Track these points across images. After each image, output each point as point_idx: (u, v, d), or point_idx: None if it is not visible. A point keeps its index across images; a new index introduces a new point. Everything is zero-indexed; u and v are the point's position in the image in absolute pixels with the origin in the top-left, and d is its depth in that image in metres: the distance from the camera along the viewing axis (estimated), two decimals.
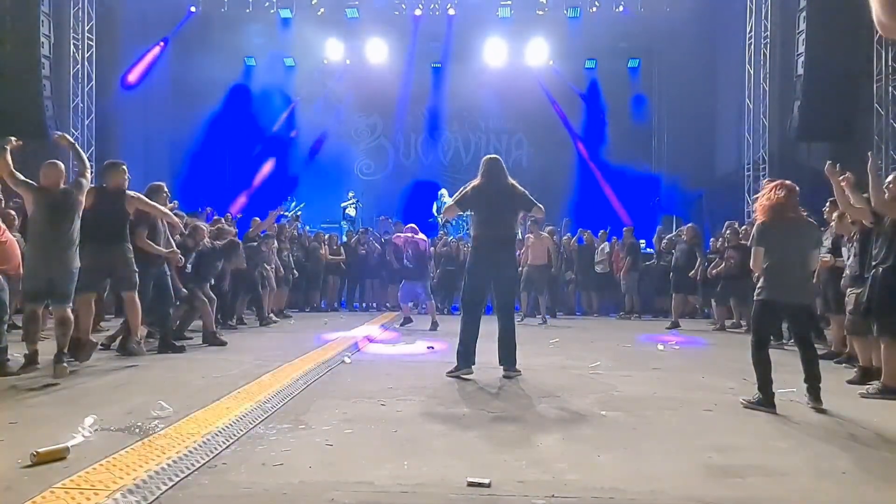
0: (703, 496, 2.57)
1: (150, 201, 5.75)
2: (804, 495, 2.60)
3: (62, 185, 4.88)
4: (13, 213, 6.67)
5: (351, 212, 15.42)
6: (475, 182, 5.21)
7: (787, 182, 4.22)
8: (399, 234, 9.63)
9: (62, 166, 4.95)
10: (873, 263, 4.60)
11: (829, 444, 3.36)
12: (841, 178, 4.64)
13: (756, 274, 4.38)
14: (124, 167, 5.66)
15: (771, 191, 4.19)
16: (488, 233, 5.13)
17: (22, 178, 4.78)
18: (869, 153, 4.78)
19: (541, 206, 5.27)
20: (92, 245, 5.11)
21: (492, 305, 5.57)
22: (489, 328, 5.19)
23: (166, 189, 6.39)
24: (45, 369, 4.68)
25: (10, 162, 4.68)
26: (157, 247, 5.96)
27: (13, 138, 4.71)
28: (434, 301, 9.50)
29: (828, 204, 5.98)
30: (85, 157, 5.35)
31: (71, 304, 4.87)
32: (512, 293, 5.57)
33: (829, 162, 4.72)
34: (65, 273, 4.74)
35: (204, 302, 6.71)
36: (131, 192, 5.57)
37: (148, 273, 5.84)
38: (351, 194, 15.86)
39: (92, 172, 5.74)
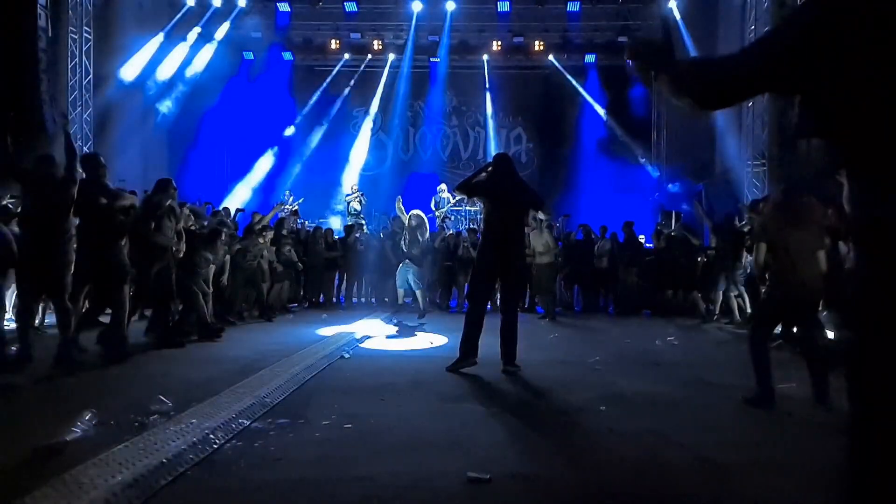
0: (704, 491, 2.57)
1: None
2: (805, 490, 2.60)
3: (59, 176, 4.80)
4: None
5: (356, 205, 15.32)
6: (486, 175, 5.24)
7: (793, 183, 4.24)
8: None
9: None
10: None
11: (829, 438, 3.35)
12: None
13: (758, 266, 4.36)
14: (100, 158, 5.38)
15: (779, 192, 4.23)
16: (499, 226, 5.14)
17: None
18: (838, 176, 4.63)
19: (546, 207, 5.35)
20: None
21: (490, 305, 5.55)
22: (491, 322, 5.18)
23: (174, 185, 6.31)
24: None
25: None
26: (165, 237, 5.91)
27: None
28: (424, 291, 9.15)
29: None
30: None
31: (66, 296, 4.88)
32: (519, 287, 5.56)
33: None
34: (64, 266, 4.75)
35: (197, 295, 6.65)
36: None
37: (150, 267, 5.82)
38: (354, 187, 15.77)
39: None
